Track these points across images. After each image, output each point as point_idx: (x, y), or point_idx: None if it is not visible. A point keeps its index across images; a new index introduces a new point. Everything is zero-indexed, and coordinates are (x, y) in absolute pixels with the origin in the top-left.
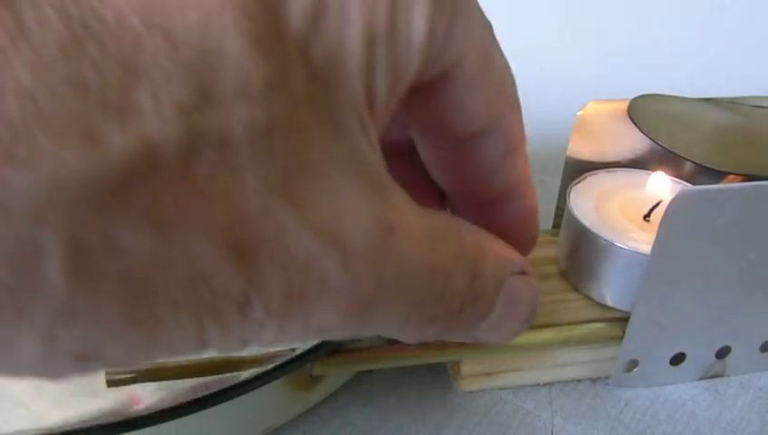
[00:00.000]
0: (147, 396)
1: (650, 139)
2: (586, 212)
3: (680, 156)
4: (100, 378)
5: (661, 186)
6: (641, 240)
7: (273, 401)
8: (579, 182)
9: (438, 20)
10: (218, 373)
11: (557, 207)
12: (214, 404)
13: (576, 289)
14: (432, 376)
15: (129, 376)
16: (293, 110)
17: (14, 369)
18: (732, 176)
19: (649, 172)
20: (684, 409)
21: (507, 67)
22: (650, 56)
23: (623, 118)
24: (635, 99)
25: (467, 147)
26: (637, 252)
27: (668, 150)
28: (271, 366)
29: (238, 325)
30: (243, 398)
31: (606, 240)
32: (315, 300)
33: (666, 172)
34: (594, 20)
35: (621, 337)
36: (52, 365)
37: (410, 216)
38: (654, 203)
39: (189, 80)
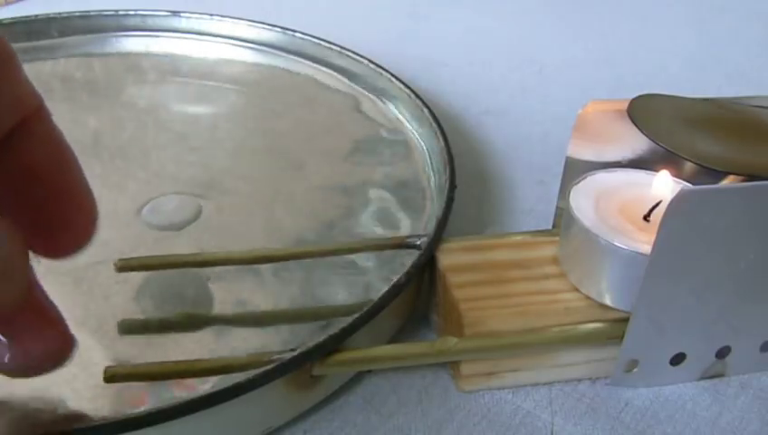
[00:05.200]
0: (147, 396)
1: (650, 139)
2: (586, 212)
3: (680, 156)
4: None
5: (663, 185)
6: (641, 240)
7: (273, 401)
8: (579, 182)
9: None
10: (218, 373)
11: (557, 207)
12: (214, 404)
13: (576, 289)
14: (432, 376)
15: (127, 373)
16: None
17: None
18: (732, 176)
19: (650, 172)
20: (684, 409)
21: None
22: (650, 56)
23: (623, 118)
24: (635, 99)
25: None
26: (637, 252)
27: (668, 150)
28: (271, 366)
29: None
30: (243, 398)
31: (606, 240)
32: None
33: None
34: (594, 20)
35: (621, 337)
36: None
37: None
38: (654, 203)
39: None
